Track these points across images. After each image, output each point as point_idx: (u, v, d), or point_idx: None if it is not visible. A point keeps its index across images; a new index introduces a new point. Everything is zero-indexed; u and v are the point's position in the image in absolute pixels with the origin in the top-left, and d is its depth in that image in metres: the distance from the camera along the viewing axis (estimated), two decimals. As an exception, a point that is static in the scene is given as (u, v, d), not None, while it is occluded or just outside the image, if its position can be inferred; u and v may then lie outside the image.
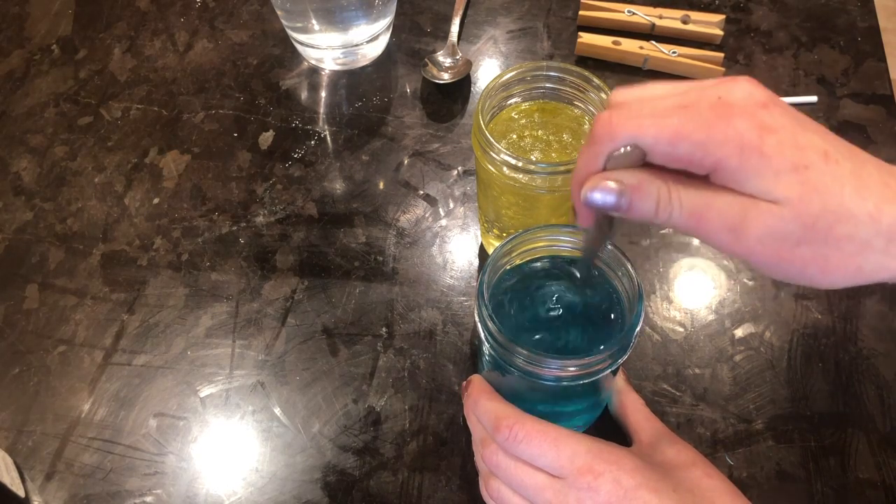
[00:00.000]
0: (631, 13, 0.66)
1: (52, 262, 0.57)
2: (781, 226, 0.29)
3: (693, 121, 0.29)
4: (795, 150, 0.28)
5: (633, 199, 0.31)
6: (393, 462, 0.47)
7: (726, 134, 0.28)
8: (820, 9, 0.68)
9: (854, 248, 0.29)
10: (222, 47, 0.69)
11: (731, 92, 0.29)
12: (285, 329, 0.52)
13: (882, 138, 0.59)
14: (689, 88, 0.31)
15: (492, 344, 0.37)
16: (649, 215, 0.31)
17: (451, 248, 0.56)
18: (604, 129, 0.31)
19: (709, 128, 0.28)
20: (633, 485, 0.34)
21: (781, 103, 0.30)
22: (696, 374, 0.49)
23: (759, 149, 0.28)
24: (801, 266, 0.30)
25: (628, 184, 0.30)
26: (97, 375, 0.51)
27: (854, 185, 0.28)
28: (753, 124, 0.28)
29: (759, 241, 0.29)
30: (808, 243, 0.29)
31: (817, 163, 0.28)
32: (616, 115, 0.30)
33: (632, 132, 0.30)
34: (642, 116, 0.30)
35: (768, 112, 0.29)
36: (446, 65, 0.65)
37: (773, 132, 0.28)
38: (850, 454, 0.46)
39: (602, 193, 0.31)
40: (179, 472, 0.47)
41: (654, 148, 0.30)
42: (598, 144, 0.31)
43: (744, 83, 0.30)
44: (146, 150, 0.62)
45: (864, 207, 0.28)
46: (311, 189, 0.59)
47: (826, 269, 0.29)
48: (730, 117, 0.28)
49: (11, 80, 0.68)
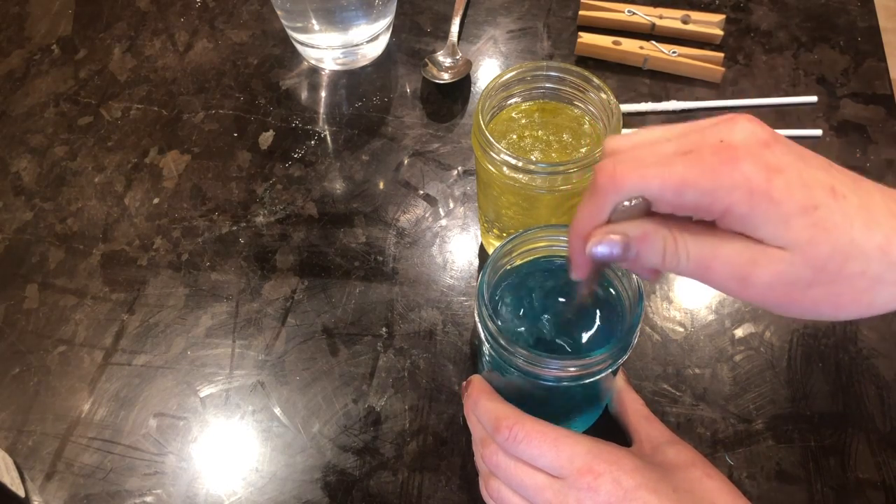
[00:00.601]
0: (631, 13, 0.66)
1: (52, 262, 0.57)
2: (792, 271, 0.28)
3: (698, 167, 0.28)
4: (803, 189, 0.28)
5: (639, 250, 0.30)
6: (393, 462, 0.47)
7: (734, 179, 0.28)
8: (820, 9, 0.68)
9: (866, 283, 0.28)
10: (222, 47, 0.69)
11: (732, 133, 0.29)
12: (285, 329, 0.52)
13: (882, 138, 0.59)
14: (688, 131, 0.30)
15: (492, 344, 0.37)
16: (656, 265, 0.30)
17: (451, 248, 0.56)
18: (607, 180, 0.30)
19: (715, 174, 0.28)
20: (632, 485, 0.34)
21: (782, 139, 0.29)
22: (696, 374, 0.49)
23: (768, 193, 0.27)
24: (812, 306, 0.29)
25: (633, 235, 0.30)
26: (97, 375, 0.51)
27: (863, 219, 0.28)
28: (760, 166, 0.28)
29: (768, 287, 0.29)
30: (820, 284, 0.28)
31: (826, 201, 0.28)
32: (619, 166, 0.29)
33: (637, 183, 0.29)
34: (646, 166, 0.29)
35: (772, 151, 0.28)
36: (446, 65, 0.65)
37: (779, 172, 0.28)
38: (850, 454, 0.46)
39: (608, 246, 0.30)
40: (179, 472, 0.47)
41: (661, 198, 0.29)
42: (603, 197, 0.30)
43: (744, 122, 0.29)
44: (146, 150, 0.62)
45: (873, 241, 0.28)
46: (311, 189, 0.59)
47: (838, 305, 0.29)
48: (735, 161, 0.28)
49: (11, 80, 0.68)
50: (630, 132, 0.32)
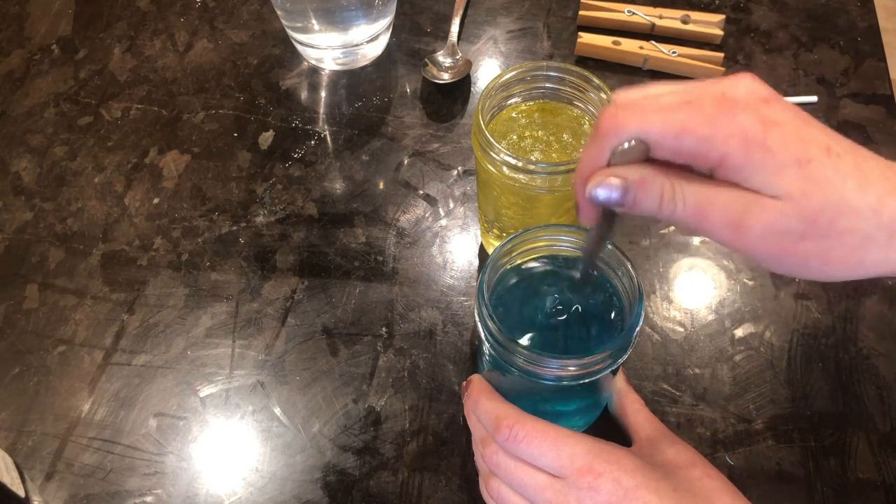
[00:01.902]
0: (631, 13, 0.66)
1: (52, 262, 0.57)
2: (784, 221, 0.29)
3: (698, 115, 0.29)
4: (798, 143, 0.29)
5: (637, 194, 0.31)
6: (393, 462, 0.47)
7: (731, 128, 0.28)
8: (820, 9, 0.68)
9: (856, 241, 0.29)
10: (222, 47, 0.69)
11: (734, 88, 0.30)
12: (285, 329, 0.52)
13: (882, 138, 0.59)
14: (693, 86, 0.31)
15: (492, 344, 0.37)
16: (653, 211, 0.31)
17: (451, 248, 0.56)
18: (609, 122, 0.31)
19: (714, 122, 0.29)
20: (633, 485, 0.34)
21: (783, 99, 0.30)
22: (696, 374, 0.49)
23: (762, 143, 0.28)
24: (803, 260, 0.30)
25: (632, 179, 0.31)
26: (97, 375, 0.51)
27: (856, 178, 0.29)
28: (757, 118, 0.29)
29: (761, 236, 0.29)
30: (811, 237, 0.29)
31: (820, 157, 0.29)
32: (622, 109, 0.30)
33: (637, 126, 0.30)
34: (647, 111, 0.30)
35: (771, 107, 0.29)
36: (446, 65, 0.65)
37: (776, 126, 0.29)
38: (850, 454, 0.46)
39: (607, 189, 0.31)
40: (179, 472, 0.47)
41: (660, 142, 0.30)
42: (604, 138, 0.31)
43: (746, 79, 0.30)
44: (146, 150, 0.62)
45: (865, 201, 0.28)
46: (311, 189, 0.59)
47: (828, 262, 0.30)
48: (734, 112, 0.29)
49: (11, 80, 0.68)
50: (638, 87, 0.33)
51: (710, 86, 0.30)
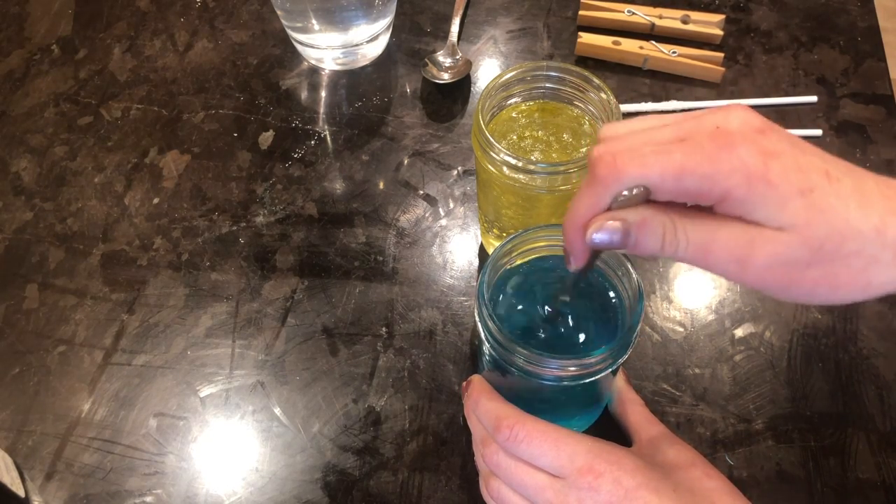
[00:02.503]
0: (631, 13, 0.66)
1: (52, 262, 0.57)
2: (789, 252, 0.28)
3: (697, 154, 0.28)
4: (799, 173, 0.28)
5: (639, 236, 0.30)
6: (393, 462, 0.47)
7: (732, 164, 0.28)
8: (820, 9, 0.68)
9: (862, 263, 0.29)
10: (222, 47, 0.69)
11: (727, 120, 0.29)
12: (285, 329, 0.52)
13: (882, 138, 0.59)
14: (683, 119, 0.30)
15: (492, 344, 0.37)
16: (655, 251, 0.31)
17: (451, 248, 0.56)
18: (608, 170, 0.30)
19: (713, 160, 0.28)
20: (633, 485, 0.34)
21: (776, 127, 0.30)
22: (696, 374, 0.49)
23: (764, 177, 0.28)
24: (811, 287, 0.29)
25: (633, 221, 0.30)
26: (97, 375, 0.51)
27: (857, 201, 0.28)
28: (756, 151, 0.28)
29: (767, 268, 0.29)
30: (817, 265, 0.29)
31: (821, 184, 0.28)
32: (619, 154, 0.30)
33: (637, 172, 0.29)
34: (645, 155, 0.29)
35: (767, 137, 0.29)
36: (446, 65, 0.65)
37: (776, 157, 0.28)
38: (850, 454, 0.46)
39: (607, 233, 0.30)
40: (179, 472, 0.47)
41: (661, 186, 0.29)
42: (602, 186, 0.30)
43: (737, 110, 0.29)
44: (146, 150, 0.62)
45: (869, 222, 0.28)
46: (311, 189, 0.59)
47: (836, 287, 0.29)
48: (732, 147, 0.28)
49: (11, 80, 0.68)
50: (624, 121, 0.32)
51: (702, 118, 0.30)
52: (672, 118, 0.31)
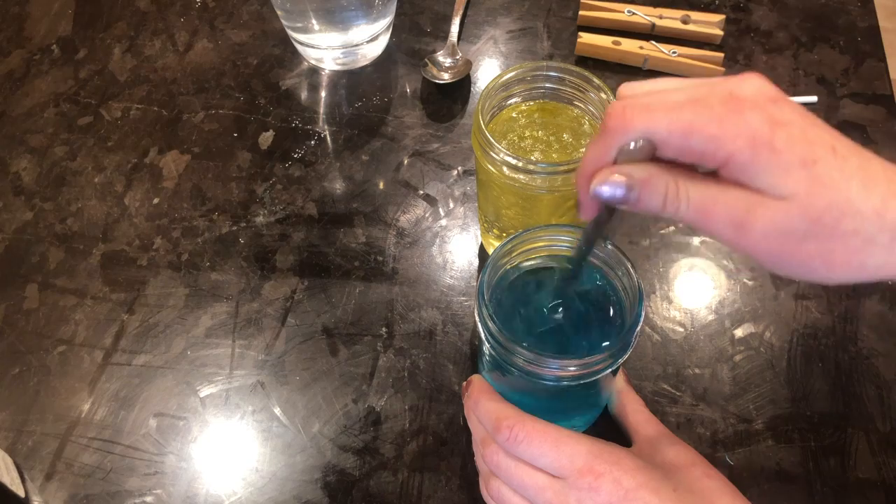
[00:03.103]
0: (631, 13, 0.66)
1: (52, 262, 0.57)
2: (787, 221, 0.29)
3: (705, 115, 0.29)
4: (805, 144, 0.29)
5: (641, 192, 0.31)
6: (393, 462, 0.47)
7: (738, 128, 0.28)
8: (820, 9, 0.68)
9: (858, 243, 0.29)
10: (222, 47, 0.69)
11: (741, 87, 0.30)
12: (285, 329, 0.52)
13: (882, 138, 0.59)
14: (699, 84, 0.31)
15: (492, 344, 0.37)
16: (657, 209, 0.31)
17: (451, 248, 0.56)
18: (617, 121, 0.30)
19: (721, 122, 0.29)
20: (633, 485, 0.34)
21: (789, 99, 0.30)
22: (696, 374, 0.49)
23: (770, 143, 0.28)
24: (805, 261, 0.30)
25: (637, 177, 0.31)
26: (97, 375, 0.51)
27: (860, 180, 0.29)
28: (765, 118, 0.29)
29: (764, 235, 0.29)
30: (814, 238, 0.29)
31: (825, 157, 0.29)
32: (629, 107, 0.30)
33: (645, 125, 0.30)
34: (655, 110, 0.30)
35: (778, 107, 0.29)
36: (446, 65, 0.65)
37: (783, 126, 0.29)
38: (850, 454, 0.46)
39: (612, 187, 0.31)
40: (179, 472, 0.47)
41: (667, 141, 0.30)
42: (611, 137, 0.31)
43: (753, 78, 0.30)
44: (146, 150, 0.62)
45: (870, 203, 0.28)
46: (311, 189, 0.59)
47: (830, 263, 0.29)
48: (741, 111, 0.29)
49: (11, 80, 0.68)
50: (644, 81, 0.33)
51: (717, 84, 0.30)
52: (691, 82, 0.31)
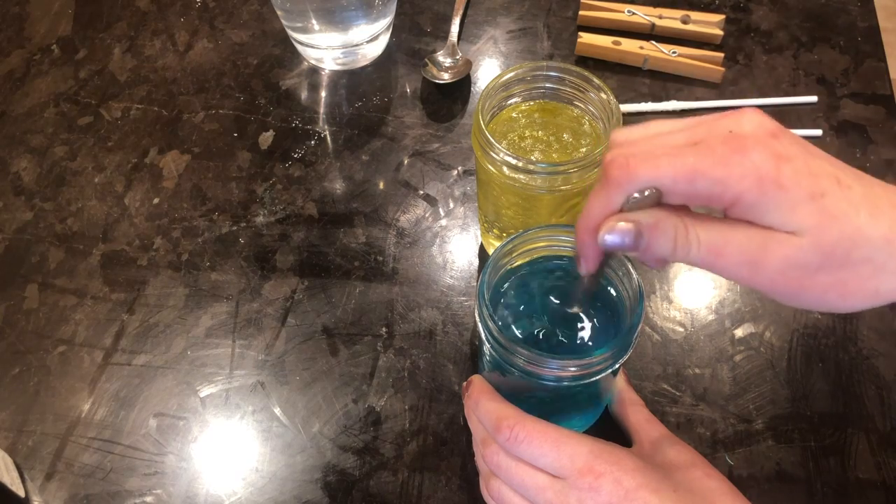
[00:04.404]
0: (631, 13, 0.66)
1: (52, 262, 0.57)
2: (800, 255, 0.29)
3: (709, 157, 0.29)
4: (810, 177, 0.28)
5: (650, 238, 0.30)
6: (393, 462, 0.47)
7: (744, 168, 0.28)
8: (820, 9, 0.68)
9: (870, 271, 0.29)
10: (222, 47, 0.69)
11: (739, 124, 0.29)
12: (285, 329, 0.52)
13: (882, 138, 0.59)
14: (696, 124, 0.30)
15: (492, 344, 0.37)
16: (667, 253, 0.31)
17: (451, 248, 0.56)
18: (620, 172, 0.30)
19: (726, 163, 0.28)
20: (633, 485, 0.34)
21: (788, 132, 0.30)
22: (696, 374, 0.49)
23: (776, 180, 0.28)
24: (820, 293, 0.30)
25: (646, 223, 0.30)
26: (97, 375, 0.51)
27: (868, 208, 0.29)
28: (768, 155, 0.28)
29: (779, 272, 0.29)
30: (827, 270, 0.29)
31: (832, 189, 0.28)
32: (632, 157, 0.30)
33: (650, 174, 0.29)
34: (658, 157, 0.29)
35: (780, 141, 0.29)
36: (446, 65, 0.65)
37: (787, 161, 0.28)
38: (850, 454, 0.46)
39: (619, 235, 0.31)
40: (179, 472, 0.47)
41: (673, 188, 0.29)
42: (615, 188, 0.30)
43: (751, 114, 0.30)
44: (146, 150, 0.62)
45: (878, 230, 0.28)
46: (311, 189, 0.59)
47: (844, 294, 0.29)
48: (744, 150, 0.28)
49: (11, 80, 0.68)
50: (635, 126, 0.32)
51: (715, 123, 0.30)
52: (685, 123, 0.31)
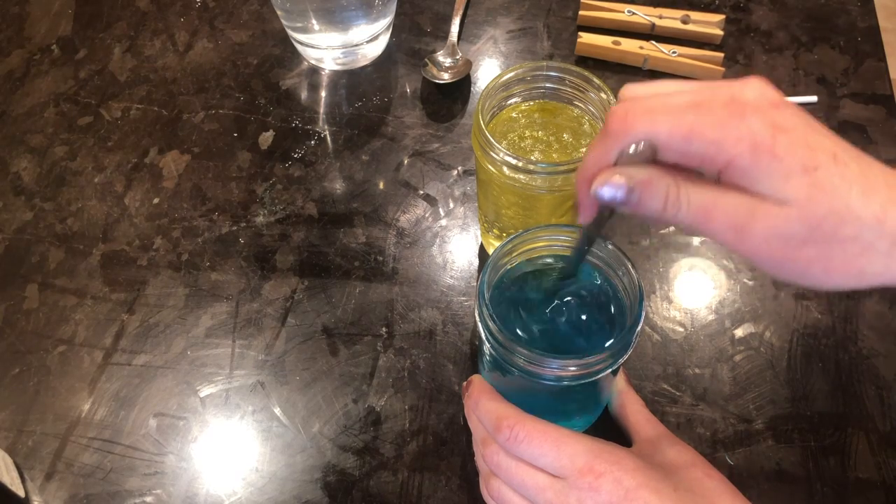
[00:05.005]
0: (631, 13, 0.66)
1: (52, 262, 0.57)
2: (787, 226, 0.29)
3: (707, 119, 0.29)
4: (806, 150, 0.29)
5: (642, 194, 0.31)
6: (393, 462, 0.47)
7: (740, 132, 0.28)
8: (820, 9, 0.68)
9: (858, 249, 0.29)
10: (222, 47, 0.69)
11: (743, 91, 0.30)
12: (285, 329, 0.52)
13: (882, 138, 0.59)
14: (701, 87, 0.31)
15: (492, 344, 0.37)
16: (657, 211, 0.31)
17: (451, 248, 0.56)
18: (618, 124, 0.30)
19: (723, 126, 0.29)
20: (633, 485, 0.34)
21: (791, 104, 0.30)
22: (696, 374, 0.49)
23: (771, 149, 0.28)
24: (804, 266, 0.30)
25: (638, 179, 0.31)
26: (97, 375, 0.51)
27: (861, 186, 0.29)
28: (766, 123, 0.29)
29: (764, 240, 0.29)
30: (813, 244, 0.29)
31: (826, 164, 0.29)
32: (631, 110, 0.30)
33: (647, 128, 0.30)
34: (657, 113, 0.30)
35: (780, 112, 0.29)
36: (446, 65, 0.65)
37: (785, 132, 0.29)
38: (850, 454, 0.46)
39: (612, 188, 0.31)
40: (179, 472, 0.47)
41: (669, 144, 0.30)
42: (612, 139, 0.31)
43: (756, 83, 0.30)
44: (146, 150, 0.62)
45: (869, 209, 0.28)
46: (311, 189, 0.59)
47: (829, 269, 0.29)
48: (743, 116, 0.29)
49: (11, 80, 0.68)
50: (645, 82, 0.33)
51: (719, 88, 0.30)
52: (692, 85, 0.31)
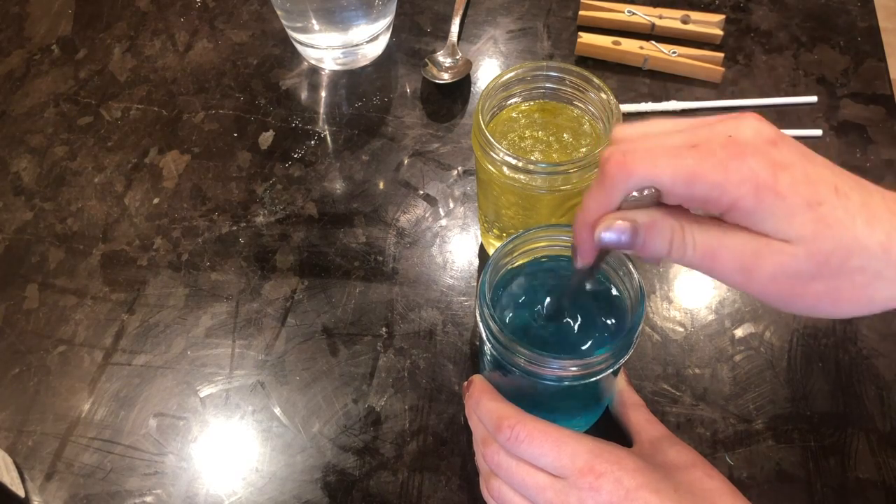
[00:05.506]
0: (631, 13, 0.66)
1: (52, 262, 0.57)
2: (795, 264, 0.29)
3: (708, 161, 0.29)
4: (808, 186, 0.28)
5: (647, 238, 0.30)
6: (393, 462, 0.47)
7: (742, 174, 0.28)
8: (820, 9, 0.68)
9: (866, 279, 0.29)
10: (222, 47, 0.69)
11: (739, 130, 0.29)
12: (285, 329, 0.52)
13: (882, 138, 0.59)
14: (696, 125, 0.30)
15: (493, 344, 0.37)
16: (663, 253, 0.31)
17: (451, 248, 0.56)
18: (617, 169, 0.30)
19: (724, 168, 0.28)
20: (634, 485, 0.34)
21: (788, 138, 0.30)
22: (696, 374, 0.49)
23: (773, 188, 0.28)
24: (813, 301, 0.30)
25: (642, 222, 0.30)
26: (97, 375, 0.51)
27: (865, 217, 0.29)
28: (767, 162, 0.28)
29: (772, 279, 0.29)
30: (822, 279, 0.29)
31: (829, 198, 0.28)
32: (630, 155, 0.30)
33: (648, 173, 0.29)
34: (657, 156, 0.29)
35: (778, 149, 0.29)
36: (446, 65, 0.65)
37: (785, 169, 0.28)
38: (850, 454, 0.46)
39: (616, 233, 0.31)
40: (179, 472, 0.47)
41: (671, 189, 0.29)
42: (612, 185, 0.30)
43: (750, 120, 0.30)
44: (146, 150, 0.62)
45: (875, 238, 0.28)
46: (311, 189, 0.59)
47: (838, 301, 0.30)
48: (743, 157, 0.28)
49: (11, 80, 0.68)
50: (636, 123, 0.32)
51: (715, 127, 0.30)
52: (685, 123, 0.31)
